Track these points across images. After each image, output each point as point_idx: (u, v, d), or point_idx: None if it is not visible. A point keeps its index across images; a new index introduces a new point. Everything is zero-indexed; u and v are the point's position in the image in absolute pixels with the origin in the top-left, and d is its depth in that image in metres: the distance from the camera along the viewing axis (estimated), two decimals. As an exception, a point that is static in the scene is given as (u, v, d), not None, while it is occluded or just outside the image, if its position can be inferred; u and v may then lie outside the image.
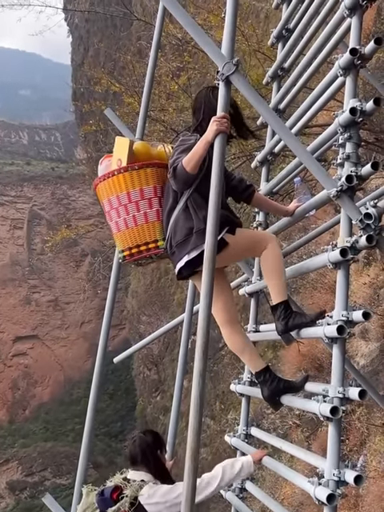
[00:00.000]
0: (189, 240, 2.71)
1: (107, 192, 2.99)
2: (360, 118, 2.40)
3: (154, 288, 36.80)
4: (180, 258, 2.77)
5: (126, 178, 2.92)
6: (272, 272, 2.76)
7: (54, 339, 58.94)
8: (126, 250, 2.99)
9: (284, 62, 3.75)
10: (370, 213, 2.29)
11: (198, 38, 2.52)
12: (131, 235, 2.95)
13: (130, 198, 2.92)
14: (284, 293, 2.75)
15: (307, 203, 2.94)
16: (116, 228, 3.01)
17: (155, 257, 3.03)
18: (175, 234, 2.78)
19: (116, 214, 2.99)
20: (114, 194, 2.95)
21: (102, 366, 3.73)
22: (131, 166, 2.90)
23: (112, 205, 2.99)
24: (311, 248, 9.21)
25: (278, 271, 2.74)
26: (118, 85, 7.63)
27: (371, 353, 6.98)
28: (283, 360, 9.86)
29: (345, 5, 2.62)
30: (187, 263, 2.75)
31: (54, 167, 75.45)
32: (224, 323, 2.89)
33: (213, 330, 2.40)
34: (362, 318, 2.23)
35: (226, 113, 2.47)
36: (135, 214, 2.93)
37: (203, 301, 2.33)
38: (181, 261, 2.77)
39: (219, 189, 2.43)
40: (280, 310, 2.71)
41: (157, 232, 2.92)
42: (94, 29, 54.86)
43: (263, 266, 2.83)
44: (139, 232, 2.93)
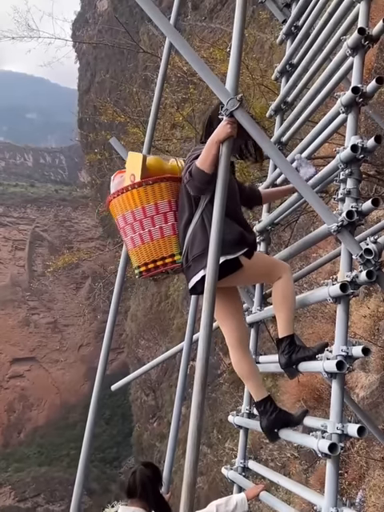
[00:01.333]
0: (206, 254, 2.65)
1: (121, 208, 2.97)
2: (361, 154, 2.44)
3: (154, 312, 36.66)
4: (196, 272, 2.75)
5: (140, 193, 2.90)
6: (283, 304, 2.75)
7: (52, 362, 58.53)
8: (142, 266, 2.96)
9: (287, 96, 3.82)
10: (370, 248, 2.30)
11: (203, 74, 2.58)
12: (147, 250, 2.92)
13: (145, 213, 2.90)
14: (291, 326, 2.75)
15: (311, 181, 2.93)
16: (131, 244, 2.98)
17: (171, 271, 3.01)
18: (192, 247, 2.77)
19: (131, 229, 2.96)
20: (129, 209, 2.93)
21: (100, 391, 3.71)
22: (145, 180, 2.89)
23: (127, 220, 2.96)
24: (312, 276, 9.21)
25: (288, 304, 2.75)
26: (123, 116, 7.75)
27: (371, 385, 6.92)
28: (282, 389, 9.77)
29: (347, 44, 2.69)
30: (203, 278, 2.69)
31: (58, 189, 76.07)
32: (235, 346, 2.85)
33: (212, 356, 2.40)
34: (362, 353, 2.23)
35: (229, 146, 2.52)
36: (151, 229, 2.91)
37: (203, 331, 2.34)
38: (197, 275, 2.74)
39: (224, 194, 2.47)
40: (285, 344, 2.70)
41: (173, 246, 2.90)
42: (102, 55, 55.86)
43: (275, 297, 2.82)
44: (155, 247, 2.91)
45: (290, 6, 4.12)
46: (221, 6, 34.92)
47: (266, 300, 3.48)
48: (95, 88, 58.12)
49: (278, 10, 4.13)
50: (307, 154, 3.34)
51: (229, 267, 2.65)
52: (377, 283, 2.34)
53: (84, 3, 75.74)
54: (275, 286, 2.80)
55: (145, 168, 2.93)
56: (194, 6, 39.06)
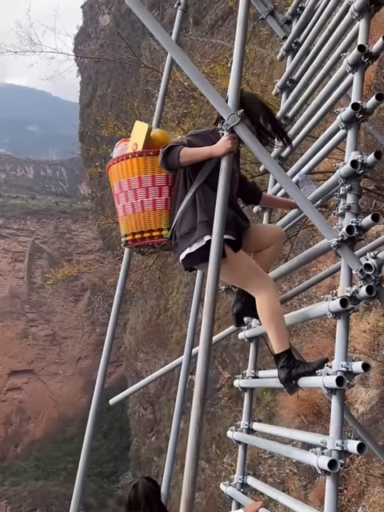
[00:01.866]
0: (193, 232, 2.68)
1: (119, 174, 2.96)
2: (361, 170, 2.45)
3: (153, 325, 36.55)
4: (182, 250, 2.74)
5: (139, 163, 2.89)
6: (270, 322, 2.71)
7: (50, 374, 58.22)
8: (129, 235, 2.95)
9: (287, 111, 3.84)
10: (370, 264, 2.30)
11: (204, 90, 2.60)
12: (136, 220, 2.91)
13: (140, 183, 2.90)
14: (286, 341, 2.70)
15: (312, 194, 2.95)
16: (122, 211, 2.98)
17: (158, 246, 3.01)
18: (181, 225, 2.76)
19: (124, 197, 2.95)
20: (126, 177, 2.92)
21: (98, 404, 3.68)
22: (146, 151, 2.88)
23: (122, 187, 2.96)
24: (312, 290, 9.21)
25: (276, 319, 2.70)
26: (124, 129, 7.81)
27: (371, 400, 6.89)
28: (282, 404, 9.71)
29: (347, 61, 2.71)
30: (188, 256, 2.72)
31: (58, 202, 76.26)
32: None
33: (211, 370, 2.39)
34: (362, 369, 2.21)
35: (229, 160, 2.53)
36: (143, 200, 2.90)
37: (202, 346, 2.33)
38: (183, 253, 2.74)
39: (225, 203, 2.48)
40: (283, 359, 2.67)
41: (163, 221, 2.88)
42: (103, 69, 56.32)
43: (261, 314, 2.77)
44: (145, 218, 2.90)
45: (291, 22, 4.17)
46: (222, 21, 35.32)
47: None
48: (96, 101, 58.54)
49: (279, 27, 4.16)
50: (307, 169, 3.36)
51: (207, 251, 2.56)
52: (377, 298, 2.34)
53: (86, 18, 76.58)
54: (259, 302, 2.74)
55: (148, 139, 2.92)
56: (195, 21, 39.49)
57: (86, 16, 77.34)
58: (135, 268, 8.84)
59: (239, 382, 3.40)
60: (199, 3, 45.54)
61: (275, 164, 2.67)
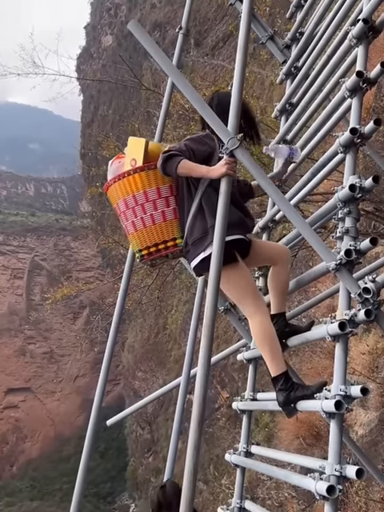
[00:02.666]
0: (205, 237, 2.72)
1: (122, 192, 2.97)
2: (359, 194, 2.46)
3: (152, 343, 36.41)
4: (195, 256, 2.79)
5: (142, 178, 2.92)
6: (264, 345, 2.71)
7: (47, 393, 57.74)
8: (144, 250, 2.98)
9: (287, 134, 3.87)
10: (369, 287, 2.31)
11: (204, 113, 2.63)
12: (149, 234, 2.94)
13: (147, 197, 2.92)
14: (281, 364, 2.69)
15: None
16: (133, 227, 2.98)
17: (170, 256, 3.04)
18: (192, 231, 2.81)
19: (133, 213, 2.96)
20: (130, 193, 2.94)
21: (96, 425, 3.65)
22: (147, 165, 2.90)
23: (128, 205, 2.96)
24: (311, 311, 9.19)
25: (269, 344, 2.70)
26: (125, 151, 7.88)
27: (370, 422, 6.83)
28: (280, 426, 9.63)
29: (346, 86, 2.75)
30: (202, 261, 2.75)
31: (59, 219, 76.46)
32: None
33: (209, 389, 2.38)
34: (360, 393, 2.20)
35: (229, 183, 2.55)
36: (153, 213, 2.93)
37: (201, 369, 2.32)
38: (196, 258, 2.79)
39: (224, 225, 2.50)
40: (280, 383, 2.66)
41: (175, 230, 2.93)
42: (105, 89, 56.93)
43: (255, 337, 2.78)
44: (157, 231, 2.93)
45: (290, 47, 4.23)
46: (222, 43, 35.86)
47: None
48: (98, 121, 59.14)
49: (279, 51, 4.23)
50: (306, 191, 3.38)
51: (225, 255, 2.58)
52: (375, 322, 2.34)
53: (89, 38, 77.69)
54: (253, 327, 2.76)
55: (147, 153, 2.94)
56: (196, 42, 40.09)
57: (88, 36, 78.48)
58: (134, 287, 8.84)
59: (238, 405, 3.38)
60: (200, 25, 46.27)
61: (273, 186, 2.68)
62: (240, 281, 2.77)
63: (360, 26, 2.78)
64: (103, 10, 75.74)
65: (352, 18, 3.22)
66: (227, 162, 2.57)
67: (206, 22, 45.09)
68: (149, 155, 2.95)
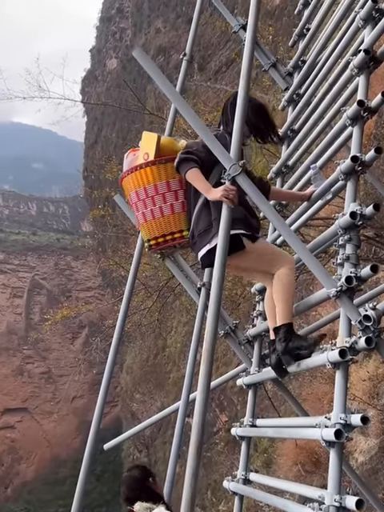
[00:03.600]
0: (210, 229, 2.82)
1: (134, 184, 3.14)
2: (360, 221, 2.48)
3: (150, 365, 36.13)
4: (201, 247, 2.89)
5: (153, 171, 3.09)
6: (282, 293, 2.83)
7: (44, 413, 57.10)
8: (152, 240, 3.15)
9: (288, 159, 3.91)
10: (369, 315, 2.30)
11: (206, 140, 2.66)
12: (158, 225, 3.10)
13: (157, 190, 3.09)
14: (290, 315, 2.82)
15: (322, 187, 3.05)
16: (143, 218, 3.15)
17: (178, 246, 3.19)
18: (198, 224, 2.92)
19: (143, 205, 3.13)
20: (142, 186, 3.11)
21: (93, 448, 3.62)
22: (159, 159, 3.06)
23: (139, 196, 3.14)
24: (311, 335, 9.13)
25: (288, 293, 2.83)
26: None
27: (370, 449, 6.74)
28: (279, 451, 9.51)
29: (347, 115, 2.79)
30: (208, 252, 2.83)
31: (60, 238, 76.60)
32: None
33: (208, 413, 2.37)
34: (361, 422, 2.18)
35: (229, 210, 2.56)
36: (162, 206, 3.09)
37: (200, 395, 2.30)
38: (202, 249, 2.89)
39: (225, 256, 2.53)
40: (283, 331, 2.78)
41: (182, 222, 3.09)
42: (109, 111, 57.55)
43: (275, 286, 2.89)
44: (165, 222, 3.09)
45: (292, 74, 4.30)
46: (226, 68, 36.39)
47: (264, 361, 3.45)
48: (101, 142, 59.68)
49: (281, 78, 4.29)
50: (307, 217, 3.40)
51: (231, 246, 2.67)
52: (376, 350, 2.33)
53: (94, 61, 78.86)
54: (276, 275, 2.88)
55: (159, 148, 3.10)
56: (199, 67, 40.69)
57: (93, 59, 79.65)
58: (134, 309, 8.83)
59: (236, 431, 3.34)
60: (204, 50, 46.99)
61: (274, 212, 2.70)
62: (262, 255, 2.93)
63: (361, 57, 2.83)
64: (108, 33, 77.05)
65: (353, 48, 3.29)
66: (225, 189, 2.63)
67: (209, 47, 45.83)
68: (160, 150, 3.11)
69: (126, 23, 73.90)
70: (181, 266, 3.88)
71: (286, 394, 3.60)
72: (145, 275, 8.57)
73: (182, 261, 3.94)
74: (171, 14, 61.47)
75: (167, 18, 61.98)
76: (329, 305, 8.28)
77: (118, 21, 75.88)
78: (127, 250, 9.76)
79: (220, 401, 23.82)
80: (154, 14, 65.46)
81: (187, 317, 16.11)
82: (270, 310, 3.07)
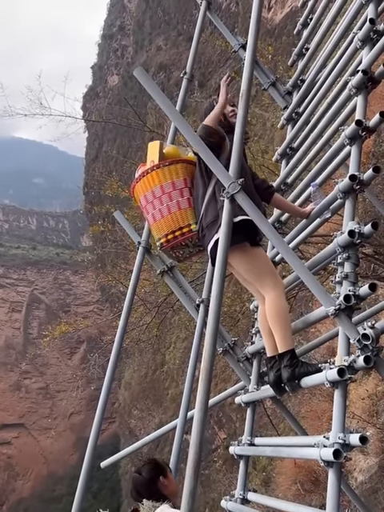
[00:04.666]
0: (217, 219, 2.85)
1: (143, 189, 3.27)
2: (358, 240, 2.48)
3: (149, 381, 35.93)
4: (210, 239, 2.94)
5: (158, 174, 3.22)
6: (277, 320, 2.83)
7: (41, 429, 56.61)
8: (162, 238, 3.22)
9: (287, 177, 3.93)
10: (368, 334, 2.29)
11: (205, 157, 2.68)
12: (166, 223, 3.20)
13: (163, 190, 3.20)
14: (290, 341, 2.81)
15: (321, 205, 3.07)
16: (152, 219, 3.25)
17: (191, 244, 3.24)
18: (206, 215, 2.99)
19: (152, 206, 3.24)
20: (149, 189, 3.23)
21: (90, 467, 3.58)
22: (162, 162, 3.19)
23: (148, 199, 3.26)
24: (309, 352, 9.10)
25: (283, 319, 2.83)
26: (127, 190, 8.02)
27: (370, 468, 6.68)
28: (278, 469, 9.42)
29: (345, 134, 2.81)
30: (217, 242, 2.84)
31: (59, 253, 76.65)
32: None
33: (206, 430, 2.35)
34: (359, 442, 2.17)
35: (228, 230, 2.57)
36: (168, 204, 3.19)
37: (198, 413, 2.29)
38: (211, 241, 2.93)
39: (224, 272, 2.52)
40: (287, 359, 2.76)
41: (189, 217, 3.17)
42: (110, 127, 57.94)
43: (269, 313, 2.89)
44: (173, 219, 3.18)
45: (292, 93, 4.34)
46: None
47: (263, 378, 3.43)
48: (102, 157, 60.01)
49: (280, 97, 4.33)
50: (306, 234, 3.41)
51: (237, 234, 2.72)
52: (374, 369, 2.32)
53: (95, 78, 79.65)
54: (269, 300, 2.88)
55: (162, 152, 3.26)
56: (200, 84, 41.14)
57: (95, 76, 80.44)
58: (133, 325, 8.80)
59: (235, 449, 3.31)
60: (205, 67, 47.50)
61: (272, 230, 2.70)
62: (257, 262, 2.94)
63: (359, 77, 2.86)
64: (110, 50, 77.94)
65: (352, 68, 3.32)
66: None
67: (210, 64, 46.35)
68: (165, 155, 3.26)
69: (128, 41, 74.82)
70: (179, 282, 3.88)
71: (285, 412, 3.58)
72: (144, 291, 8.56)
73: (181, 277, 3.95)
74: (172, 31, 62.27)
75: (168, 36, 62.77)
76: (328, 322, 8.27)
77: (119, 38, 76.84)
78: (126, 265, 9.76)
79: (219, 418, 23.64)
80: (155, 32, 66.31)
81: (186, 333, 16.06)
82: (263, 327, 3.06)
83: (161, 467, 2.91)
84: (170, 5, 63.02)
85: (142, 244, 3.79)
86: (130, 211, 7.87)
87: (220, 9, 49.45)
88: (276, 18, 40.55)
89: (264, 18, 37.37)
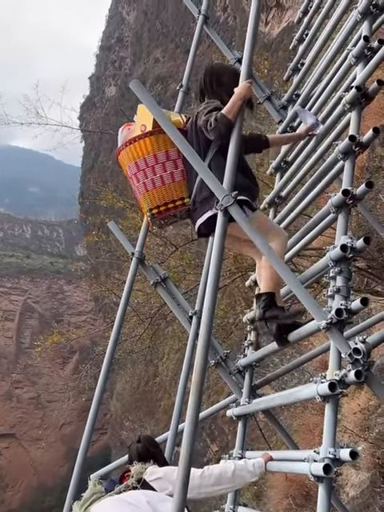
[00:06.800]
0: (212, 196, 2.80)
1: (133, 155, 3.18)
2: (350, 254, 2.49)
3: (141, 392, 35.71)
4: (202, 214, 2.94)
5: (152, 142, 3.13)
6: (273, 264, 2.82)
7: (32, 440, 56.03)
8: (154, 209, 3.18)
9: (281, 190, 3.96)
10: (359, 348, 2.29)
11: (199, 170, 2.70)
12: (159, 194, 3.15)
13: (156, 160, 3.13)
14: (274, 285, 2.90)
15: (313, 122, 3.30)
16: (144, 188, 3.18)
17: (179, 215, 3.22)
18: (201, 191, 2.96)
19: (143, 175, 3.17)
20: (141, 156, 3.15)
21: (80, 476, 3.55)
22: (157, 129, 3.09)
23: (139, 167, 3.18)
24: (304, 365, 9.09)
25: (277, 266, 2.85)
26: (122, 201, 8.06)
27: (361, 483, 6.64)
28: (270, 483, 9.36)
29: (339, 149, 2.83)
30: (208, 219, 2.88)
31: (54, 262, 76.45)
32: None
33: (198, 442, 2.34)
34: (350, 457, 2.16)
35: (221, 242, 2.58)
36: (162, 175, 3.13)
37: (188, 427, 2.28)
38: (203, 216, 2.93)
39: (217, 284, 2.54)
40: (263, 299, 2.89)
41: (183, 190, 3.14)
42: (106, 137, 58.14)
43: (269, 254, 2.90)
44: (167, 190, 3.14)
45: (287, 107, 4.38)
46: (223, 98, 36.93)
47: (255, 392, 3.43)
48: (98, 167, 60.12)
49: (275, 111, 4.36)
50: (299, 248, 3.42)
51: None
52: (366, 384, 2.32)
53: (93, 88, 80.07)
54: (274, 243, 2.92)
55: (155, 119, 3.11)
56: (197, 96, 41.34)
57: (92, 86, 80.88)
58: (125, 336, 8.77)
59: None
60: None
61: (265, 243, 2.71)
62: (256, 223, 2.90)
63: (353, 93, 2.89)
64: (108, 62, 78.46)
65: (346, 84, 3.36)
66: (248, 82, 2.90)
67: (207, 77, 46.50)
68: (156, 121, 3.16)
69: (126, 52, 75.39)
70: (173, 293, 3.87)
71: (276, 425, 3.57)
72: (137, 302, 8.55)
73: (174, 288, 3.94)
74: (170, 44, 62.81)
75: (166, 48, 63.29)
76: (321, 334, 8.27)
77: (117, 50, 77.44)
78: (120, 276, 9.75)
79: (211, 430, 23.51)
80: (153, 44, 66.86)
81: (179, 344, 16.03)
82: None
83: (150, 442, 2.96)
84: (168, 18, 63.63)
85: (135, 255, 3.78)
86: (125, 222, 7.89)
87: (218, 22, 49.96)
88: (273, 32, 41.01)
89: (261, 33, 37.76)
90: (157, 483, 2.51)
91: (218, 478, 2.62)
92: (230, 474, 2.64)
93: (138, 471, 2.59)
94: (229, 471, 2.65)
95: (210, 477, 2.60)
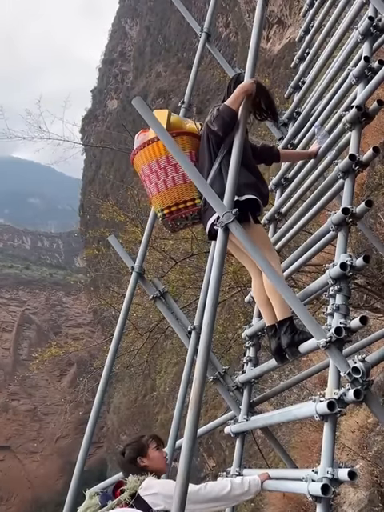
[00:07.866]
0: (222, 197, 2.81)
1: (147, 158, 3.26)
2: (350, 272, 2.50)
3: (138, 405, 35.47)
4: (212, 214, 2.94)
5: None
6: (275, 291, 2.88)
7: (27, 453, 55.53)
8: (165, 209, 3.23)
9: (281, 207, 3.97)
10: (358, 367, 2.29)
11: (201, 188, 2.71)
12: (171, 194, 3.20)
13: (169, 161, 3.19)
14: (288, 309, 2.90)
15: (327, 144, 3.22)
16: (156, 189, 3.24)
17: (190, 217, 3.25)
18: None
19: (156, 176, 3.23)
20: (154, 158, 3.22)
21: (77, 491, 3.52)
22: (170, 133, 3.11)
23: (152, 169, 3.25)
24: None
25: None
26: (123, 215, 8.08)
27: (359, 502, 6.58)
28: (267, 500, 9.27)
29: (339, 168, 2.85)
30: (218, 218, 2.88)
31: (53, 273, 76.39)
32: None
33: (195, 457, 2.32)
34: (348, 477, 2.15)
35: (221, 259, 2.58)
36: (174, 176, 3.19)
37: (186, 444, 2.27)
38: (213, 216, 2.92)
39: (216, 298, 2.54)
40: (286, 326, 2.89)
41: (194, 191, 3.16)
42: (107, 150, 58.43)
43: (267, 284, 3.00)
44: (178, 191, 3.19)
45: (287, 125, 4.41)
46: (223, 113, 37.19)
47: (253, 409, 3.41)
48: (99, 180, 60.37)
49: (276, 128, 4.40)
50: (298, 265, 3.43)
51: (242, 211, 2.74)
52: (364, 403, 2.31)
53: (95, 101, 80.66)
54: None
55: (169, 123, 3.25)
56: (198, 110, 41.66)
57: (95, 99, 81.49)
58: (123, 350, 8.74)
59: (223, 481, 3.27)
60: (203, 94, 48.21)
61: (264, 260, 2.71)
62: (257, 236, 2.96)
63: (354, 112, 2.92)
64: (110, 75, 79.11)
65: (346, 104, 3.39)
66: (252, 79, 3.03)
67: (208, 91, 47.08)
68: (171, 125, 3.26)
69: (128, 66, 76.05)
70: (172, 308, 3.87)
71: (274, 443, 3.55)
72: (136, 316, 8.53)
73: (173, 303, 3.94)
74: (172, 59, 63.42)
75: (168, 63, 63.89)
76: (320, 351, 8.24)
77: (120, 64, 78.12)
78: (119, 289, 9.73)
79: (208, 445, 23.32)
80: (155, 59, 67.51)
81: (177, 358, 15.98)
82: (260, 299, 3.15)
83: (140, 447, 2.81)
84: (171, 33, 64.32)
85: (135, 269, 3.79)
86: (125, 235, 7.90)
87: (220, 38, 50.54)
88: (274, 48, 41.46)
89: (262, 49, 38.14)
90: (151, 498, 2.49)
91: (214, 496, 2.62)
92: (226, 492, 2.64)
93: (132, 485, 2.55)
94: (225, 489, 2.64)
95: (206, 494, 2.59)
